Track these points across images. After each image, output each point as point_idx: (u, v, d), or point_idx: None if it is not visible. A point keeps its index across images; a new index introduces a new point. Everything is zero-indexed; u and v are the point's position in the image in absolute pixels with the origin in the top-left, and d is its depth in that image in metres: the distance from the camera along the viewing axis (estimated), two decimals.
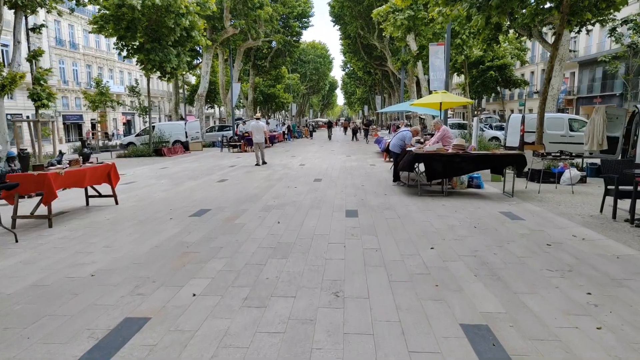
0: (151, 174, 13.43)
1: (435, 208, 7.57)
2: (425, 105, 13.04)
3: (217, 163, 16.46)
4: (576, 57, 37.02)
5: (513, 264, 4.65)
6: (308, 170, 13.56)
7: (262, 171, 13.41)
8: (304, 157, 18.20)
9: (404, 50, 28.81)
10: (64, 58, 43.20)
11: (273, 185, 10.51)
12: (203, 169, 14.51)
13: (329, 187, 10.00)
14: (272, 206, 7.90)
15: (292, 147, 25.48)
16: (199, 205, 8.08)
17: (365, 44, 37.28)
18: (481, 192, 9.16)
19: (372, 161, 16.19)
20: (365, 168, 13.94)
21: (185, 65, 21.16)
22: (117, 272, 4.51)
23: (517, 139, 17.56)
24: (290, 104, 51.36)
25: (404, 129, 10.23)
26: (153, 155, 20.71)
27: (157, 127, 24.33)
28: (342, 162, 16.06)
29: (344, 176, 11.96)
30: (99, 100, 28.05)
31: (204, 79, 27.73)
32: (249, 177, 12.02)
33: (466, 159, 8.34)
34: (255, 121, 16.70)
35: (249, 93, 38.73)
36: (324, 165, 14.78)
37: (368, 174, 12.31)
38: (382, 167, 14.02)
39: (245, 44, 32.28)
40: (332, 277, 4.28)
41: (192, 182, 11.32)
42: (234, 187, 10.23)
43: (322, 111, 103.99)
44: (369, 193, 9.16)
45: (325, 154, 20.11)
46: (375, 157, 17.75)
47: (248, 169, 14.25)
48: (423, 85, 27.34)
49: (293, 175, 12.25)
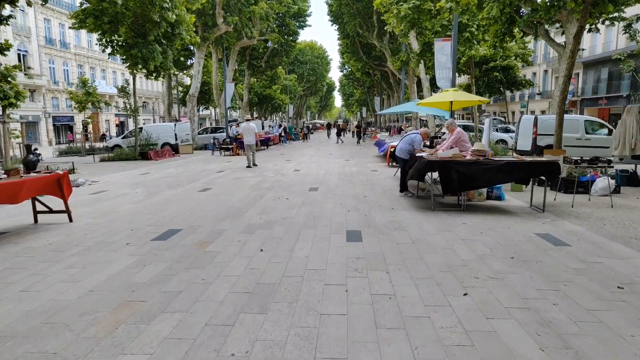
0: (128, 180, 11.98)
1: (455, 228, 6.17)
2: (433, 105, 11.68)
3: (204, 168, 15.03)
4: (580, 57, 35.74)
5: (587, 323, 3.24)
6: (303, 176, 12.15)
7: (251, 178, 11.99)
8: (300, 162, 16.79)
9: (404, 49, 27.45)
10: (54, 58, 41.68)
11: (262, 195, 9.09)
12: (187, 174, 13.08)
13: (327, 199, 8.59)
14: (256, 225, 6.48)
15: (287, 150, 24.06)
16: (168, 223, 6.64)
17: (364, 43, 35.92)
18: (504, 206, 7.76)
19: (373, 166, 14.78)
20: (367, 174, 12.53)
21: (171, 64, 19.71)
22: (9, 342, 3.07)
23: (529, 142, 16.21)
24: (287, 105, 49.96)
25: (413, 132, 8.82)
26: (139, 159, 19.26)
27: (145, 129, 22.87)
28: (341, 166, 14.65)
29: (344, 184, 10.55)
30: (85, 101, 26.56)
31: (196, 79, 26.30)
32: (236, 185, 10.59)
33: (490, 168, 6.94)
34: (246, 123, 15.81)
35: (244, 94, 37.30)
36: (320, 171, 13.37)
37: (370, 182, 10.90)
38: (385, 173, 12.62)
39: (240, 42, 30.87)
40: (330, 353, 2.86)
41: (170, 191, 9.88)
42: (216, 199, 8.80)
43: (320, 113, 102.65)
44: (373, 206, 7.75)
45: (322, 157, 18.70)
46: (376, 161, 16.35)
47: (237, 174, 12.83)
48: (425, 85, 25.98)
49: (286, 183, 10.84)
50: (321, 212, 7.29)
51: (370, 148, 24.44)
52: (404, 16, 20.08)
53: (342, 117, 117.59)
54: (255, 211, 7.46)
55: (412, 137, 8.61)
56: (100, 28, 17.96)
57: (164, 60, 19.10)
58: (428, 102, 11.15)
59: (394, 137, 18.32)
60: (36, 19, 39.42)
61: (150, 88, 55.96)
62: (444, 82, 16.23)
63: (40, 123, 40.16)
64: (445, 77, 16.14)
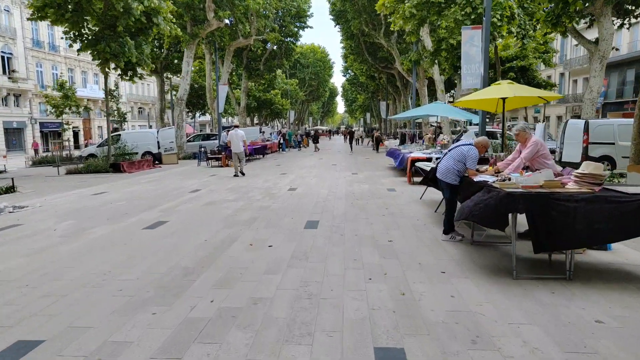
0: (68, 205, 8.87)
1: (584, 332, 3.01)
2: (474, 104, 8.52)
3: (179, 185, 11.91)
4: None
5: None
6: (299, 199, 9.00)
7: (229, 203, 8.84)
8: (297, 175, 13.65)
9: (415, 48, 24.38)
10: (41, 61, 38.82)
11: (233, 238, 5.94)
12: (151, 196, 9.96)
13: (331, 247, 5.44)
14: (197, 323, 3.33)
15: (285, 160, 20.92)
16: (22, 325, 3.51)
17: (369, 43, 32.86)
18: (625, 264, 4.59)
19: (388, 182, 11.62)
20: (383, 195, 9.37)
21: (148, 60, 16.69)
22: None
23: (578, 152, 13.05)
24: (288, 110, 46.93)
25: (464, 142, 5.66)
26: (110, 171, 16.19)
27: (123, 136, 19.85)
28: (348, 183, 11.51)
29: (354, 214, 7.39)
30: (63, 105, 23.53)
31: (185, 80, 23.27)
32: (204, 216, 7.45)
33: (628, 209, 3.79)
34: (234, 130, 14.28)
35: (242, 98, 34.28)
36: (322, 190, 10.22)
37: (391, 209, 7.74)
38: (407, 194, 9.46)
39: (235, 42, 27.86)
40: None
41: (105, 228, 6.75)
42: (161, 245, 5.67)
43: (322, 119, 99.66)
44: (410, 267, 4.58)
45: (324, 169, 15.56)
46: (390, 175, 13.19)
47: (213, 196, 9.70)
48: (439, 87, 22.88)
49: (274, 212, 7.69)
50: (322, 286, 4.11)
51: (373, 157, 21.30)
52: (409, 16, 17.06)
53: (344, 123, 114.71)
54: (208, 281, 4.29)
55: (463, 151, 5.46)
56: (63, 19, 15.01)
57: (139, 56, 16.08)
58: (469, 101, 8.01)
59: (409, 146, 15.17)
60: (22, 19, 36.59)
61: (146, 93, 53.04)
62: (472, 80, 13.11)
63: (26, 130, 37.23)
64: (473, 73, 13.03)
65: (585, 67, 33.38)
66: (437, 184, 6.14)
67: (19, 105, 36.41)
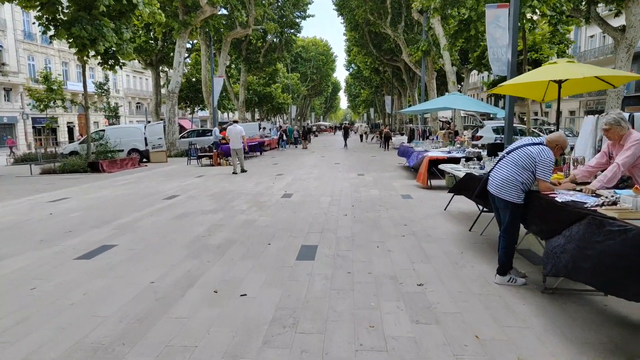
0: (3, 220, 7.06)
1: None
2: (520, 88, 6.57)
3: (156, 189, 10.08)
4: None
5: None
6: (294, 211, 7.17)
7: (206, 215, 7.01)
8: (295, 177, 11.82)
9: (424, 37, 22.43)
10: (33, 54, 37.04)
11: (192, 278, 4.10)
12: (116, 204, 8.15)
13: (333, 297, 3.58)
14: None
15: (284, 158, 19.09)
16: None
17: (374, 33, 30.86)
18: None
19: (400, 186, 9.77)
20: (397, 204, 7.52)
21: (129, 47, 14.84)
22: None
23: None
24: (290, 105, 45.00)
25: (527, 140, 3.77)
26: (88, 171, 14.40)
27: (107, 132, 18.04)
28: (354, 187, 9.67)
29: (365, 235, 5.54)
30: (47, 99, 21.78)
31: (177, 72, 21.40)
32: (165, 239, 5.61)
33: None
34: (233, 125, 13.14)
35: (240, 92, 32.38)
36: (323, 198, 8.39)
37: (411, 226, 5.90)
38: (427, 203, 7.60)
39: (233, 32, 25.97)
40: None
41: (25, 257, 4.92)
42: (76, 297, 3.84)
43: (325, 114, 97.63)
44: (464, 349, 2.75)
45: (326, 170, 13.72)
46: (401, 177, 11.33)
47: (190, 205, 7.87)
48: (450, 79, 20.94)
49: (259, 231, 5.86)
50: None
51: (380, 155, 19.42)
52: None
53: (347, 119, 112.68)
54: None
55: (531, 153, 3.58)
56: (35, 1, 13.22)
57: (119, 42, 14.23)
58: (514, 85, 6.12)
59: (422, 143, 13.27)
60: (13, 11, 34.80)
61: (144, 88, 51.17)
62: (499, 67, 11.23)
63: (18, 125, 35.50)
64: (500, 58, 11.13)
65: (602, 59, 31.26)
66: (485, 199, 4.29)
67: (9, 100, 34.68)
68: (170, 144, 21.40)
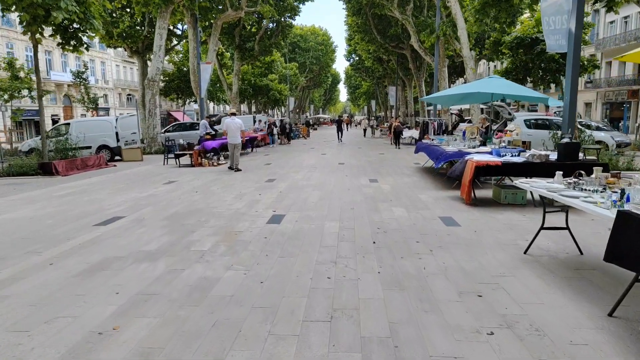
0: None
1: None
2: None
3: (100, 205, 7.31)
4: None
5: None
6: (283, 252, 4.41)
7: (138, 265, 4.26)
8: (290, 184, 9.05)
9: (439, 18, 19.53)
10: (13, 41, 33.90)
11: None
12: (21, 236, 5.38)
13: None
14: None
15: (278, 156, 16.30)
16: None
17: (378, 18, 27.86)
18: None
19: (431, 200, 7.00)
20: (443, 238, 4.77)
21: (97, 22, 12.00)
22: None
23: None
24: (288, 97, 42.04)
25: None
26: (40, 174, 11.64)
27: (73, 126, 15.24)
28: (370, 201, 6.91)
29: (414, 321, 2.82)
30: (12, 88, 18.90)
31: (157, 57, 18.50)
32: (24, 344, 2.90)
33: None
34: (230, 118, 11.73)
35: (234, 83, 29.45)
36: (328, 223, 5.63)
37: (487, 294, 3.19)
38: (487, 233, 4.84)
39: (224, 15, 23.02)
40: None
41: None
42: None
43: (324, 107, 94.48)
44: None
45: (329, 172, 10.94)
46: (428, 186, 8.56)
47: (127, 239, 5.11)
48: (469, 65, 18.07)
49: (214, 314, 3.11)
50: None
51: (390, 152, 16.66)
52: None
53: (347, 111, 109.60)
54: None
55: None
56: None
57: (80, 14, 11.39)
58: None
59: (448, 140, 10.45)
60: None
61: (136, 79, 47.98)
62: (557, 40, 8.41)
63: None
64: (559, 28, 8.31)
65: (623, 47, 28.38)
66: None
67: None
68: (150, 139, 18.60)
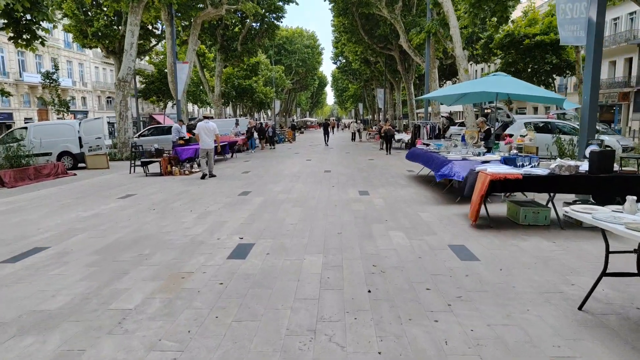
0: None
1: None
2: None
3: (22, 231, 5.85)
4: (636, 38, 27.00)
5: None
6: (241, 315, 3.06)
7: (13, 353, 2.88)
8: (267, 199, 7.69)
9: (429, 15, 18.44)
10: None
11: None
12: None
13: None
14: None
15: (259, 163, 14.91)
16: None
17: (366, 17, 26.73)
18: None
19: (434, 219, 5.72)
20: (464, 284, 3.48)
21: (46, 12, 10.51)
22: None
23: None
24: (273, 100, 40.65)
25: None
26: None
27: (31, 131, 13.62)
28: (361, 224, 5.60)
29: None
30: None
31: (128, 56, 16.97)
32: None
33: None
34: (204, 122, 10.86)
35: (216, 84, 27.97)
36: (309, 257, 4.28)
37: None
38: (516, 271, 3.53)
39: (203, 13, 21.56)
40: None
41: None
42: None
43: (311, 110, 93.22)
44: None
45: (313, 183, 9.60)
46: (426, 198, 7.29)
47: (28, 290, 3.72)
48: (462, 65, 16.97)
49: None
50: None
51: (379, 157, 15.41)
52: None
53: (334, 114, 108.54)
54: None
55: None
56: None
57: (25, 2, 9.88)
58: None
59: (447, 146, 9.21)
60: None
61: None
62: (573, 30, 7.24)
63: None
64: (576, 17, 7.15)
65: (625, 47, 27.70)
66: None
67: None
68: (121, 144, 17.06)
